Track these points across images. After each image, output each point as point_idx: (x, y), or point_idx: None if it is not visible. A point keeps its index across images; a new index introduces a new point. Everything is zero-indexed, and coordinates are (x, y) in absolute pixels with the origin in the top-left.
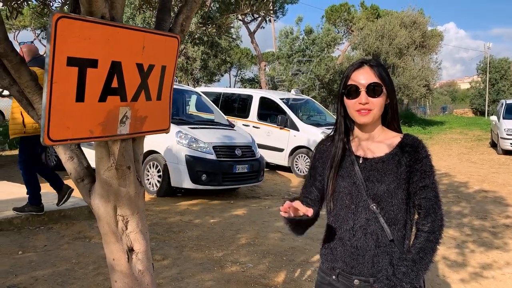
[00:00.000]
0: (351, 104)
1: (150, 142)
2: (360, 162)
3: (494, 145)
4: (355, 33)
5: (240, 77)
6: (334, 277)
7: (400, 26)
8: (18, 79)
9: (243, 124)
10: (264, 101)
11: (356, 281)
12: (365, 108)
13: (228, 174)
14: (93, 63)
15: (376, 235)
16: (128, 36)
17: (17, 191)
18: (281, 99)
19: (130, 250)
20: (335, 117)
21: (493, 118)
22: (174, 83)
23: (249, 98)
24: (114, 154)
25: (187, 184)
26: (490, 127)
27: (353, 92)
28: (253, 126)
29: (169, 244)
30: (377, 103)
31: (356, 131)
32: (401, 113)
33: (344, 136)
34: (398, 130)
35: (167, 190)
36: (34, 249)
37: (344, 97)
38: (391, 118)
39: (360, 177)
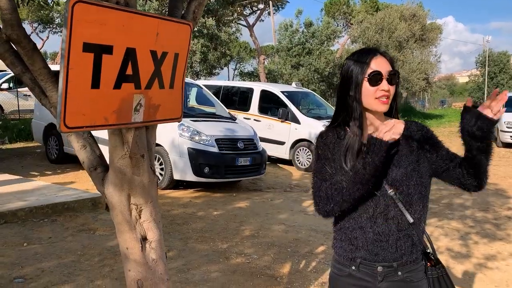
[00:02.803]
0: (372, 92)
1: None
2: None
3: (495, 138)
4: (355, 26)
5: (239, 70)
6: (354, 267)
7: (400, 19)
8: (31, 66)
9: (244, 117)
10: (265, 94)
11: (379, 268)
12: (386, 95)
13: (230, 166)
14: (109, 49)
15: (396, 219)
16: (142, 23)
17: (21, 184)
18: (282, 92)
19: (144, 239)
20: (337, 106)
21: None
22: None
23: (250, 91)
24: (128, 143)
25: (190, 176)
26: None
27: (377, 78)
28: (254, 119)
29: (173, 236)
30: (393, 91)
31: (365, 119)
32: (400, 107)
33: (360, 125)
34: (398, 117)
35: (170, 183)
36: (39, 241)
37: (365, 84)
38: (395, 106)
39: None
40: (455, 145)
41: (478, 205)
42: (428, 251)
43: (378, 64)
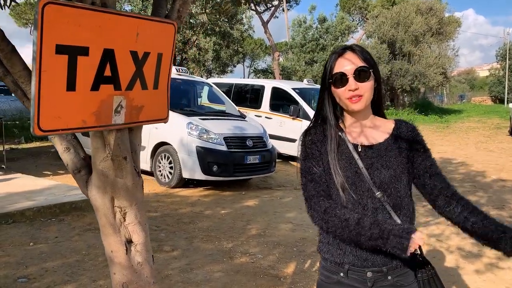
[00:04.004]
0: (340, 93)
1: (161, 133)
2: (359, 150)
3: None
4: (370, 21)
5: (253, 67)
6: (342, 274)
7: (416, 13)
8: (11, 69)
9: (255, 115)
10: (276, 91)
11: (369, 273)
12: (355, 94)
13: (239, 165)
14: (84, 51)
15: None
16: (120, 23)
17: (31, 183)
18: (293, 89)
19: (129, 242)
20: (317, 106)
21: None
22: (185, 74)
23: (261, 89)
24: (109, 145)
25: (199, 175)
26: (510, 114)
27: (340, 80)
28: (265, 117)
29: (179, 235)
30: (367, 88)
31: (349, 119)
32: (417, 102)
33: (336, 126)
34: (385, 116)
35: (179, 182)
36: (46, 240)
37: (332, 87)
38: (378, 103)
39: (361, 165)
40: (473, 140)
41: (493, 202)
42: (417, 253)
43: (344, 62)
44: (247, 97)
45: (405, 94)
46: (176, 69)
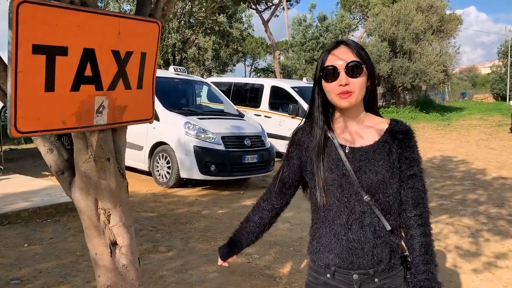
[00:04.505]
0: (330, 88)
1: (159, 133)
2: (347, 151)
3: None
4: (370, 19)
5: (254, 66)
6: (329, 275)
7: (417, 10)
8: None
9: (254, 114)
10: (275, 90)
11: (355, 276)
12: (346, 90)
13: (237, 164)
14: (63, 51)
15: (373, 226)
16: (100, 22)
17: (29, 184)
18: (293, 87)
19: (113, 244)
20: (310, 103)
21: None
22: (183, 73)
23: (260, 88)
24: (92, 146)
25: (196, 175)
26: (511, 112)
27: (332, 73)
28: (265, 116)
29: (175, 236)
30: (358, 84)
31: (338, 117)
32: (418, 100)
33: (324, 124)
34: (379, 115)
35: (177, 181)
36: (40, 241)
37: (323, 81)
38: (372, 101)
39: (349, 167)
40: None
41: (493, 200)
42: (406, 254)
43: (337, 57)
44: (247, 96)
45: (406, 92)
46: (174, 69)
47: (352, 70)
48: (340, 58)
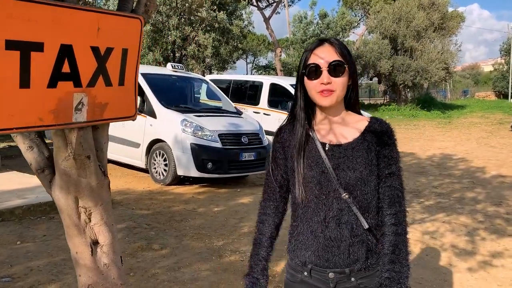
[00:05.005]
0: (312, 85)
1: (156, 130)
2: (327, 149)
3: None
4: (372, 16)
5: (255, 64)
6: (306, 273)
7: (418, 8)
8: None
9: (253, 112)
10: (274, 88)
11: (331, 274)
12: (327, 88)
13: (234, 162)
14: (38, 47)
15: (350, 224)
16: (78, 17)
17: (25, 181)
18: (292, 85)
19: (95, 243)
20: (292, 104)
21: None
22: (180, 71)
23: (259, 85)
24: (71, 143)
25: (193, 172)
26: None
27: (314, 71)
28: (264, 113)
29: (169, 234)
30: (340, 83)
31: (319, 115)
32: (420, 98)
33: (305, 122)
34: (360, 113)
35: (174, 179)
36: (33, 239)
37: (305, 78)
38: (353, 100)
39: (328, 165)
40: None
41: (491, 199)
42: None
43: (319, 54)
44: (246, 93)
45: (407, 90)
46: (172, 66)
47: (335, 69)
48: (323, 56)
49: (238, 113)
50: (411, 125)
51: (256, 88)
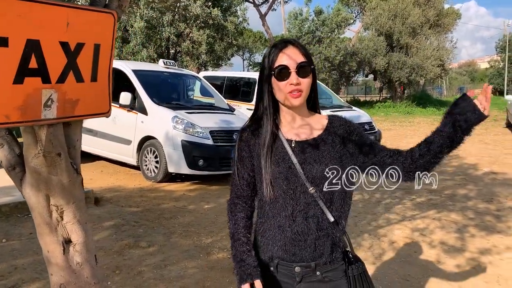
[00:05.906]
0: (282, 86)
1: (147, 127)
2: (293, 145)
3: (510, 125)
4: (367, 13)
5: (250, 60)
6: (272, 268)
7: (414, 4)
8: None
9: (247, 108)
10: None
11: (297, 268)
12: (296, 89)
13: (226, 158)
14: (3, 42)
15: (316, 218)
16: (46, 12)
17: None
18: None
19: (67, 241)
20: (256, 102)
21: (509, 97)
22: (172, 67)
23: (253, 82)
24: (41, 140)
25: (184, 169)
26: (506, 106)
27: (284, 73)
28: None
29: (157, 231)
30: (307, 83)
31: (284, 114)
32: (415, 94)
33: (272, 121)
34: (319, 112)
35: (165, 176)
36: (19, 237)
37: (273, 79)
38: (314, 99)
39: (294, 160)
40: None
41: (482, 195)
42: (348, 249)
43: (287, 56)
44: (239, 90)
45: (405, 87)
46: (164, 62)
47: (302, 71)
48: (291, 58)
49: (231, 110)
50: (406, 122)
51: (249, 84)
